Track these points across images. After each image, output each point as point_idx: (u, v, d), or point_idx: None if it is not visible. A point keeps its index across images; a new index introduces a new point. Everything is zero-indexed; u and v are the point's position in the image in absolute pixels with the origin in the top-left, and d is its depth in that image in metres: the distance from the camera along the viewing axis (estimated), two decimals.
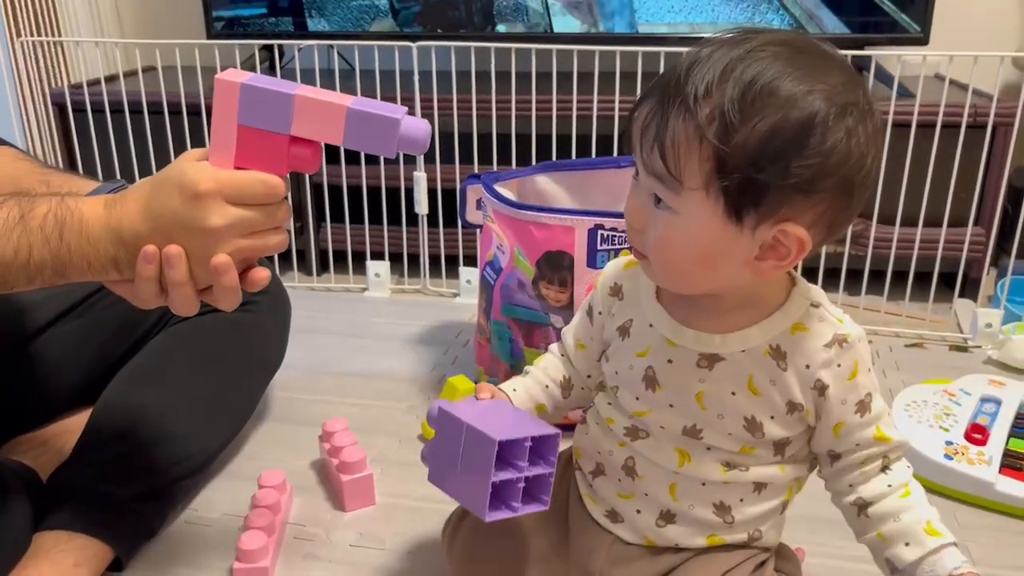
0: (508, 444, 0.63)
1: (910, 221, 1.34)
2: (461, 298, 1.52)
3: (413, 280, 1.58)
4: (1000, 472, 0.94)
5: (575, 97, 1.37)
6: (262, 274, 0.67)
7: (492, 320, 1.10)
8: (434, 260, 1.55)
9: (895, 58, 1.33)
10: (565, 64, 1.35)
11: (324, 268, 1.62)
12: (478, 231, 1.21)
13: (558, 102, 1.39)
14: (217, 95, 0.63)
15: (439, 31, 1.63)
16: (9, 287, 0.65)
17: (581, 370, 0.76)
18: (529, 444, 0.63)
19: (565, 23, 1.59)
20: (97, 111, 1.49)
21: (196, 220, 0.62)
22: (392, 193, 1.50)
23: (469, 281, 1.51)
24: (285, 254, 1.53)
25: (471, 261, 1.51)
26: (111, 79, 1.55)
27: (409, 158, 1.47)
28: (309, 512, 0.94)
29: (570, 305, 1.03)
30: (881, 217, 1.36)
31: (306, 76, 1.45)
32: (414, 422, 1.12)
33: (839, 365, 0.62)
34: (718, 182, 0.54)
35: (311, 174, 0.64)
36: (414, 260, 1.56)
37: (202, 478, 0.97)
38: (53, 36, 1.68)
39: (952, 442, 0.98)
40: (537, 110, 1.40)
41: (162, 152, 1.49)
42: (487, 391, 0.73)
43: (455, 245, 1.53)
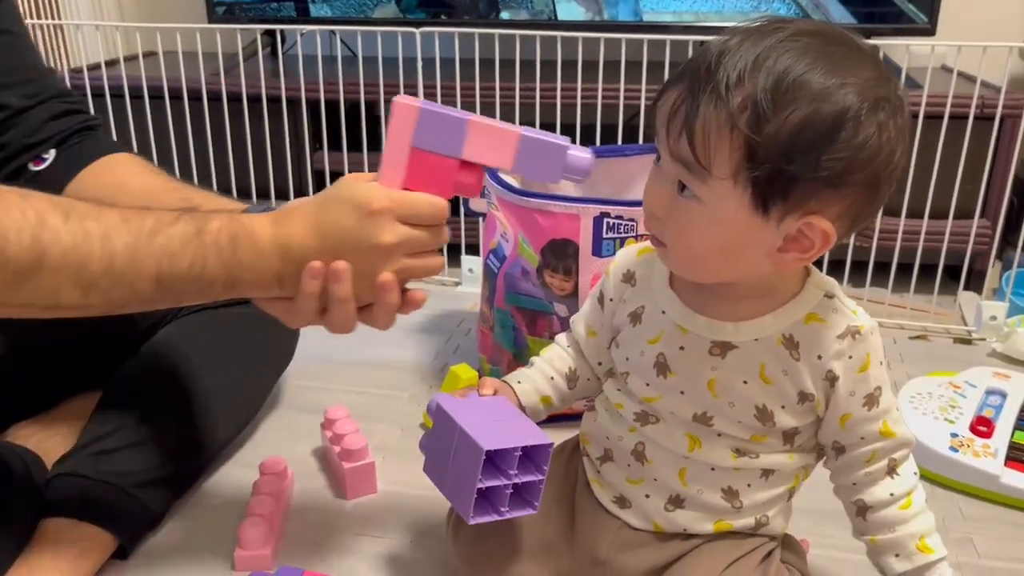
0: (498, 451, 0.63)
1: (916, 213, 1.33)
2: (463, 287, 1.52)
3: None
4: (1005, 465, 0.94)
5: (579, 85, 1.36)
6: (420, 295, 0.68)
7: (495, 308, 1.09)
8: None
9: (902, 49, 1.32)
10: (569, 52, 1.34)
11: None
12: (481, 219, 1.20)
13: (562, 90, 1.37)
14: (394, 118, 0.65)
15: (443, 17, 1.61)
16: (180, 301, 0.66)
17: (591, 358, 0.75)
18: (519, 454, 0.64)
19: (569, 10, 1.58)
20: (97, 95, 1.47)
21: (369, 237, 0.64)
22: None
23: (471, 270, 1.51)
24: None
25: (473, 250, 1.51)
26: (111, 63, 1.54)
27: None
28: (311, 499, 0.93)
29: (574, 293, 1.02)
30: (886, 209, 1.35)
31: (308, 62, 1.44)
32: (416, 411, 1.11)
33: (851, 357, 0.62)
34: (747, 172, 0.54)
35: (471, 197, 0.67)
36: None
37: (208, 467, 0.96)
38: (53, 19, 1.67)
39: (957, 434, 0.97)
40: (541, 98, 1.39)
41: (163, 137, 1.48)
42: (490, 386, 0.73)
43: (457, 234, 1.52)
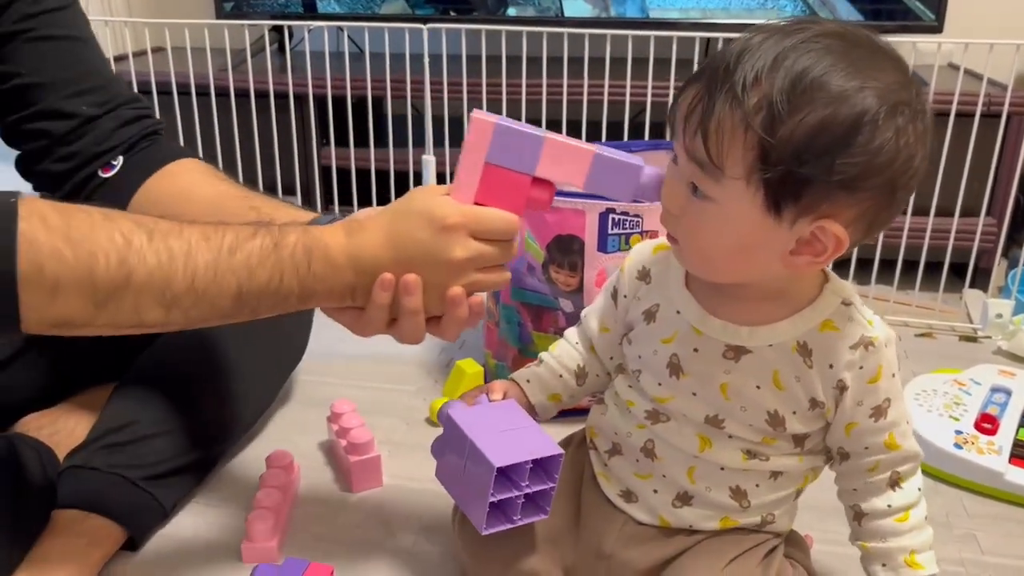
0: (510, 465, 0.64)
1: (922, 210, 1.33)
2: None
3: None
4: (1010, 462, 0.94)
5: (586, 82, 1.36)
6: (481, 302, 0.69)
7: (501, 304, 1.09)
8: None
9: (909, 46, 1.32)
10: (576, 49, 1.34)
11: None
12: None
13: (569, 87, 1.38)
14: (471, 133, 0.66)
15: (450, 14, 1.62)
16: (256, 315, 0.67)
17: (603, 353, 0.75)
18: (530, 466, 0.65)
19: (576, 7, 1.58)
20: None
21: (442, 251, 0.65)
22: (401, 176, 1.49)
23: None
24: None
25: None
26: (120, 59, 1.54)
27: (418, 140, 1.47)
28: (317, 493, 0.94)
29: (580, 289, 1.03)
30: None
31: (315, 58, 1.44)
32: (422, 405, 1.12)
33: (862, 367, 0.61)
34: (760, 173, 0.53)
35: (543, 210, 0.68)
36: None
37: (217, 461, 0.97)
38: None
39: (962, 431, 0.98)
40: (548, 95, 1.39)
41: (170, 132, 1.48)
42: (499, 390, 0.74)
43: None
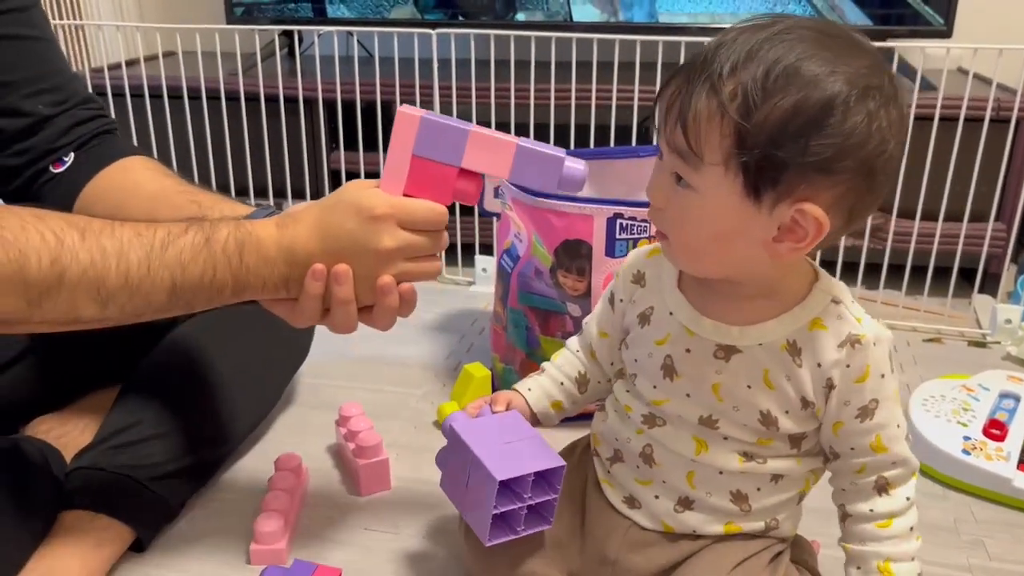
0: (512, 477, 0.65)
1: (930, 215, 1.33)
2: (477, 286, 1.52)
3: None
4: (1018, 468, 0.93)
5: (594, 86, 1.36)
6: (412, 292, 0.71)
7: (509, 308, 1.10)
8: (450, 248, 1.55)
9: (918, 51, 1.32)
10: (584, 53, 1.34)
11: None
12: (495, 219, 1.21)
13: (577, 91, 1.38)
14: (396, 126, 0.68)
15: (459, 18, 1.62)
16: (191, 308, 0.68)
17: (603, 359, 0.76)
18: (532, 478, 0.66)
19: (585, 12, 1.58)
20: (118, 95, 1.49)
21: (370, 241, 0.66)
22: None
23: (485, 269, 1.52)
24: None
25: (487, 250, 1.51)
26: (132, 63, 1.55)
27: None
28: (325, 495, 0.94)
29: (587, 294, 1.03)
30: (901, 211, 1.35)
31: (325, 62, 1.45)
32: (429, 408, 1.12)
33: (848, 366, 0.61)
34: (737, 158, 0.55)
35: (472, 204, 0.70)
36: None
37: (223, 462, 0.97)
38: (75, 20, 1.69)
39: (970, 437, 0.97)
40: (556, 99, 1.39)
41: (181, 136, 1.49)
42: (502, 402, 0.74)
43: (471, 234, 1.53)
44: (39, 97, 0.87)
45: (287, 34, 1.70)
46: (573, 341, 0.79)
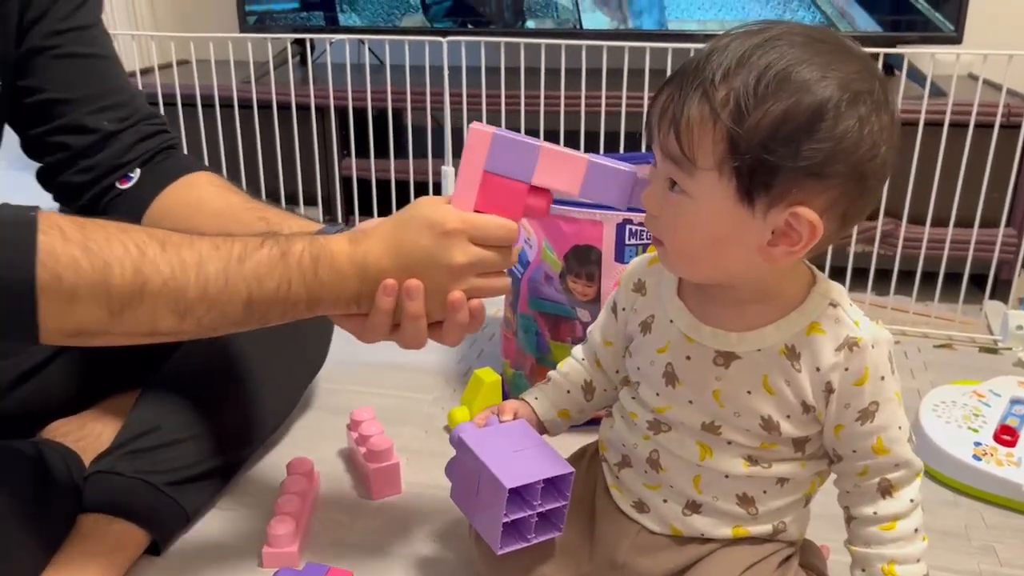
0: (521, 485, 0.66)
1: (941, 221, 1.33)
2: None
3: None
4: None
5: (604, 93, 1.37)
6: (481, 308, 0.70)
7: (519, 313, 1.10)
8: None
9: (928, 57, 1.32)
10: (594, 60, 1.35)
11: None
12: None
13: (587, 98, 1.39)
14: (469, 142, 0.68)
15: (469, 27, 1.63)
16: (266, 322, 0.69)
17: (609, 367, 0.77)
18: (541, 486, 0.66)
19: (594, 19, 1.59)
20: None
21: (442, 257, 0.67)
22: (421, 187, 1.51)
23: None
24: None
25: None
26: (146, 71, 1.57)
27: (437, 151, 1.48)
28: (336, 499, 0.95)
29: (597, 299, 1.03)
30: (911, 217, 1.35)
31: (337, 70, 1.46)
32: (440, 414, 1.13)
33: (847, 369, 0.61)
34: (730, 163, 0.55)
35: (540, 218, 0.71)
36: None
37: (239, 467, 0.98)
38: None
39: (981, 443, 0.97)
40: (566, 106, 1.40)
41: (195, 143, 1.51)
42: (509, 411, 0.75)
43: None
44: (103, 114, 0.87)
45: (299, 42, 1.71)
46: (578, 350, 0.80)
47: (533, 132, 1.42)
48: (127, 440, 0.85)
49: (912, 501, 0.64)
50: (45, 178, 0.90)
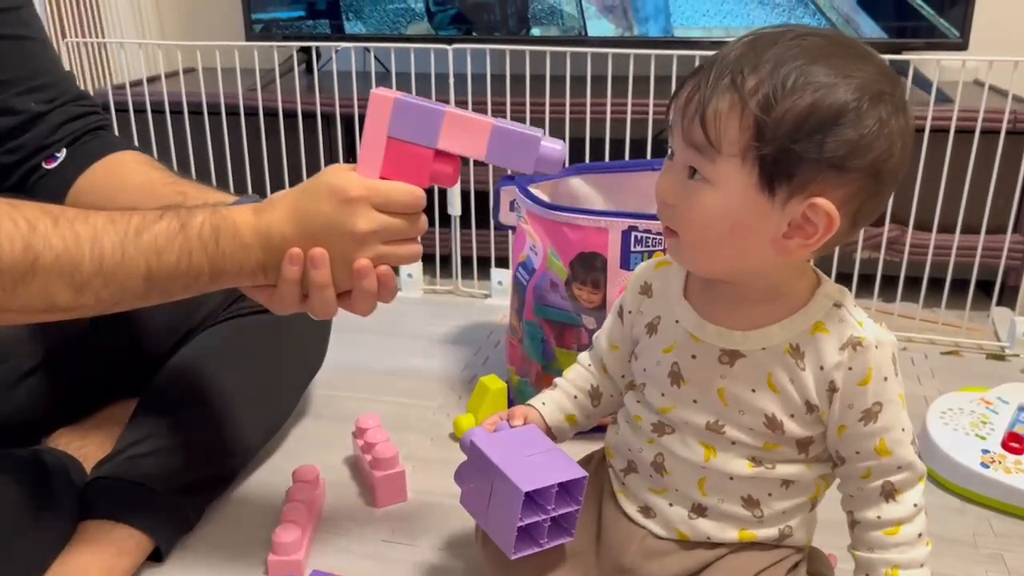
0: (536, 489, 0.66)
1: (947, 228, 1.32)
2: (492, 299, 1.53)
3: (445, 281, 1.59)
4: None
5: (609, 100, 1.37)
6: (390, 278, 0.70)
7: (524, 320, 1.10)
8: (466, 261, 1.56)
9: (933, 63, 1.32)
10: (599, 67, 1.35)
11: None
12: (511, 232, 1.22)
13: (592, 105, 1.39)
14: (371, 108, 0.67)
15: (474, 34, 1.64)
16: (170, 295, 0.68)
17: (615, 372, 0.77)
18: (556, 490, 0.66)
19: (599, 27, 1.59)
20: (139, 111, 1.52)
21: (345, 224, 0.66)
22: (425, 194, 1.51)
23: (500, 282, 1.52)
24: None
25: (503, 262, 1.52)
26: (153, 80, 1.58)
27: None
28: (342, 507, 0.95)
29: (603, 306, 1.03)
30: (917, 223, 1.35)
31: (342, 78, 1.47)
32: (445, 421, 1.13)
33: (851, 368, 0.62)
34: (755, 150, 0.56)
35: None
36: (446, 261, 1.58)
37: (240, 472, 0.98)
38: (97, 37, 1.72)
39: (989, 450, 0.97)
40: (571, 113, 1.40)
41: (201, 151, 1.51)
42: (519, 416, 0.75)
43: (487, 246, 1.54)
44: (31, 95, 0.88)
45: (305, 50, 1.72)
46: (584, 356, 0.80)
47: None
48: (128, 446, 0.85)
49: (916, 505, 0.64)
50: None
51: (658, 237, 1.01)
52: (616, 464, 0.74)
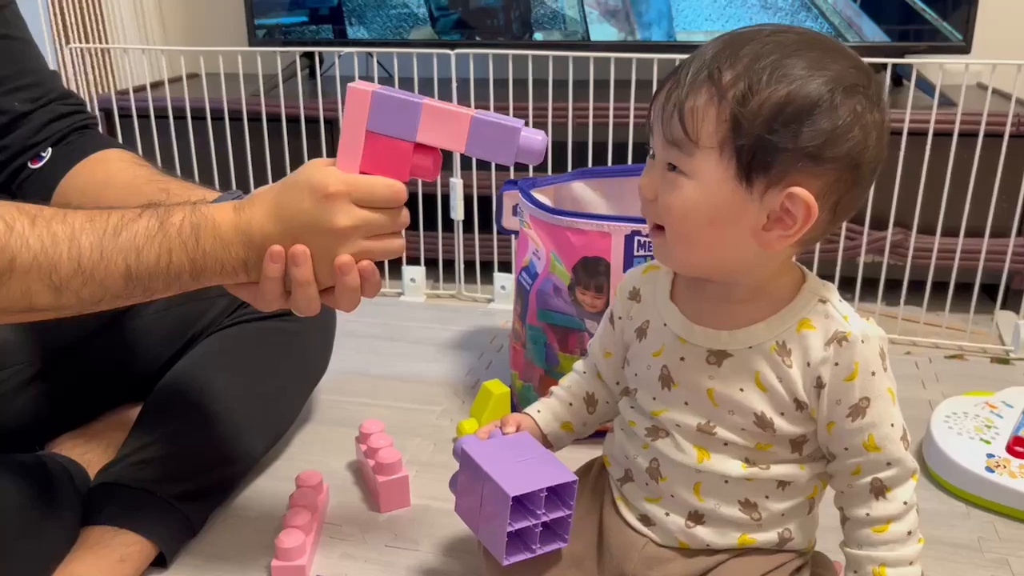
0: (525, 494, 0.66)
1: (951, 231, 1.32)
2: (495, 304, 1.53)
3: (448, 285, 1.59)
4: None
5: (611, 105, 1.37)
6: (373, 274, 0.69)
7: (527, 325, 1.10)
8: (469, 266, 1.56)
9: (936, 67, 1.32)
10: (602, 72, 1.35)
11: None
12: (513, 237, 1.22)
13: (595, 110, 1.39)
14: (348, 103, 0.67)
15: (477, 39, 1.64)
16: (151, 294, 0.68)
17: (609, 379, 0.77)
18: (544, 494, 0.66)
19: (602, 31, 1.60)
20: (142, 117, 1.52)
21: (325, 220, 0.66)
22: (428, 199, 1.51)
23: (503, 287, 1.52)
24: None
25: (505, 267, 1.52)
26: (157, 85, 1.58)
27: (446, 165, 1.48)
28: (345, 512, 0.95)
29: (605, 311, 1.03)
30: (921, 227, 1.35)
31: (345, 84, 1.47)
32: (448, 426, 1.13)
33: (836, 364, 0.62)
34: (733, 142, 0.57)
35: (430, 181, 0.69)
36: (449, 266, 1.58)
37: (243, 478, 0.98)
38: (100, 43, 1.72)
39: (994, 455, 0.96)
40: (574, 118, 1.40)
41: (204, 156, 1.52)
42: (512, 423, 0.75)
43: (490, 251, 1.54)
44: (15, 95, 0.87)
45: (308, 56, 1.72)
46: (579, 363, 0.80)
47: None
48: (131, 452, 0.85)
49: (906, 503, 0.64)
50: None
51: None
52: (614, 473, 0.74)
